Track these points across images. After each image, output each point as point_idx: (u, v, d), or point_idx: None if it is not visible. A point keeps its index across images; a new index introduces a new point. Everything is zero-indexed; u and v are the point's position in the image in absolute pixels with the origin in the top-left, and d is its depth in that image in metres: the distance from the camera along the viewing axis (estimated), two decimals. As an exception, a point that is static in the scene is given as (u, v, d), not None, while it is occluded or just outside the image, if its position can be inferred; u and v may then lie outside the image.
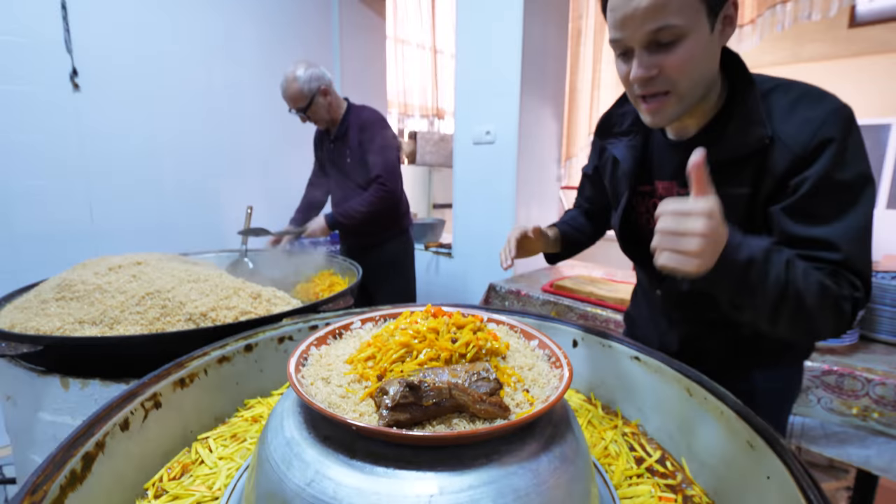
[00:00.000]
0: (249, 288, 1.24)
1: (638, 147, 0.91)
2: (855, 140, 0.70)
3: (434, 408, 0.53)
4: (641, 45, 0.71)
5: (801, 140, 0.70)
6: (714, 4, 0.69)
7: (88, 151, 2.26)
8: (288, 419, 0.58)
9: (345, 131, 2.12)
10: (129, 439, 0.66)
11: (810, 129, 0.70)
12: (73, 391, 0.95)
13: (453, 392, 0.53)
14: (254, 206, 2.11)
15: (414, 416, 0.52)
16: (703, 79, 0.75)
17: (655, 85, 0.73)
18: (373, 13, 3.40)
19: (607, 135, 0.96)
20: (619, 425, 0.86)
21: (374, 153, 2.05)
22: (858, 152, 0.70)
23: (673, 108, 0.75)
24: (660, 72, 0.72)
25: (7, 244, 2.08)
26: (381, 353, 0.62)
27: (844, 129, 0.69)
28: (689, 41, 0.69)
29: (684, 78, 0.72)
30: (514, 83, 2.21)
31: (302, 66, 2.00)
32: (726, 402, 0.70)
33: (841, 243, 0.69)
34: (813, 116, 0.71)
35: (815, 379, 1.34)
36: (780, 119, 0.73)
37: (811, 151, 0.70)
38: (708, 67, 0.74)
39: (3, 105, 2.01)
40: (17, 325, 1.05)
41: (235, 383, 0.90)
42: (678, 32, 0.68)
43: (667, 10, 0.67)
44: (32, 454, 0.99)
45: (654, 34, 0.69)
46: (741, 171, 0.76)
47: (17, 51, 2.02)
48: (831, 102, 0.72)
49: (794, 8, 2.03)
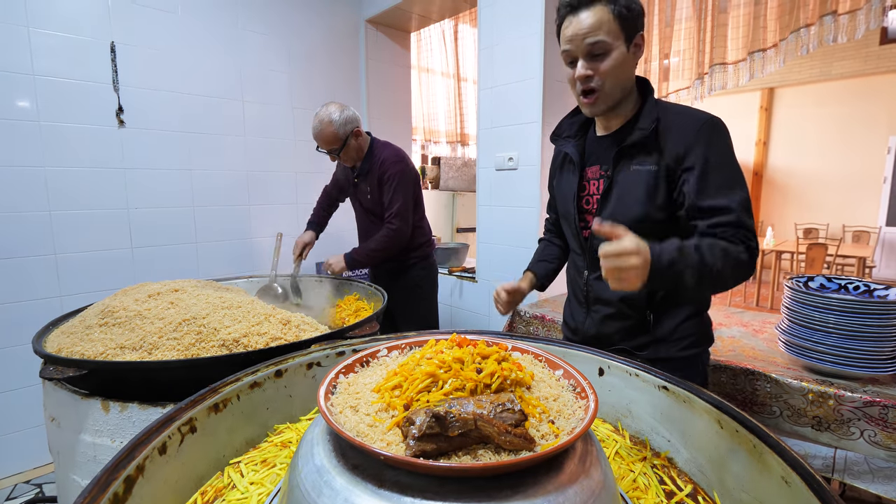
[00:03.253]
0: (279, 314, 1.28)
1: (580, 142, 1.26)
2: (725, 136, 1.06)
3: (459, 439, 0.53)
4: (583, 55, 1.06)
5: (690, 128, 1.05)
6: (630, 33, 1.05)
7: (130, 183, 2.38)
8: (318, 446, 0.60)
9: (368, 169, 2.18)
10: (167, 463, 0.69)
11: (695, 122, 1.05)
12: (113, 414, 0.99)
13: (478, 423, 0.53)
14: (283, 234, 2.18)
15: (440, 446, 0.53)
16: (621, 83, 1.09)
17: (590, 83, 1.07)
18: (398, 46, 3.52)
19: (560, 138, 1.31)
20: (648, 457, 0.84)
21: (388, 195, 2.13)
22: (729, 142, 1.06)
23: (602, 102, 1.10)
24: (594, 73, 1.06)
25: (53, 270, 2.20)
26: (407, 383, 0.63)
27: (715, 126, 1.05)
28: (613, 54, 1.05)
29: (609, 79, 1.07)
30: (536, 110, 2.24)
31: (336, 108, 2.04)
32: (758, 434, 0.69)
33: (733, 206, 1.00)
34: (698, 116, 1.06)
35: (857, 410, 1.28)
36: (675, 115, 1.08)
37: (695, 136, 1.03)
38: (625, 76, 1.09)
39: (54, 141, 2.16)
40: (63, 350, 1.11)
41: (266, 408, 0.93)
42: (606, 47, 1.04)
43: (599, 31, 1.03)
44: (73, 474, 1.03)
45: (591, 47, 1.04)
46: (648, 153, 1.09)
47: (69, 91, 2.18)
48: (704, 114, 1.07)
49: (819, 31, 2.01)
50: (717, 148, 1.03)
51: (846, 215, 6.98)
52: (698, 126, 1.04)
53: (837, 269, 5.76)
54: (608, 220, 1.11)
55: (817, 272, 5.13)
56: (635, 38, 1.07)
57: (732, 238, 0.99)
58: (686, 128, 1.05)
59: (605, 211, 1.15)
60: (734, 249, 0.96)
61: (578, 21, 1.04)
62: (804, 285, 1.49)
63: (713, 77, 2.37)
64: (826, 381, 1.32)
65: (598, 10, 1.03)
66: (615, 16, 1.03)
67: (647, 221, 1.10)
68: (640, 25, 1.08)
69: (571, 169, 1.26)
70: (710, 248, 0.94)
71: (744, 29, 2.27)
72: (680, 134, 1.05)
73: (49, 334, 1.26)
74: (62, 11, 2.13)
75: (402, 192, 2.13)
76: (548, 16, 2.16)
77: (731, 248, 0.96)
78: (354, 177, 2.24)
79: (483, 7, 2.46)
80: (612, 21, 1.03)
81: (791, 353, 1.43)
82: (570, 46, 1.06)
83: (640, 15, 1.07)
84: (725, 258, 0.95)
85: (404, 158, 2.19)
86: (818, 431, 1.32)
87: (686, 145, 1.04)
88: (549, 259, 1.50)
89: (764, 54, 2.20)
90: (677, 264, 0.90)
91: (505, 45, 2.35)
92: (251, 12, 2.74)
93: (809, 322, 1.38)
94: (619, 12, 1.03)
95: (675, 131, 1.06)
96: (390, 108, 3.51)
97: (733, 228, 0.99)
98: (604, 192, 1.16)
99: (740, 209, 1.00)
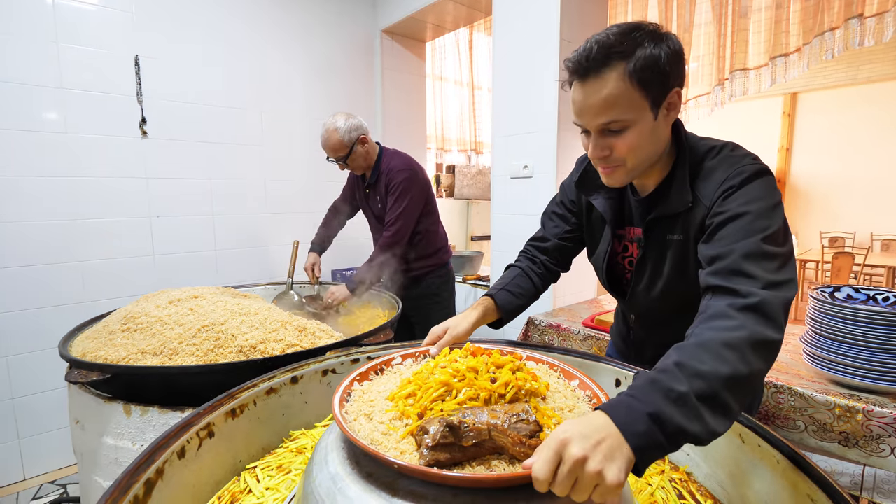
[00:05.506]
0: (296, 321, 1.29)
1: (615, 199, 1.05)
2: (755, 185, 0.80)
3: (473, 449, 0.53)
4: (596, 131, 0.85)
5: (710, 196, 0.85)
6: (657, 97, 0.81)
7: (152, 191, 2.45)
8: (332, 454, 0.60)
9: (377, 178, 2.20)
10: (185, 467, 0.70)
11: (716, 186, 0.84)
12: (134, 417, 1.01)
13: (493, 433, 0.53)
14: (299, 241, 2.21)
15: (454, 456, 0.52)
16: (649, 155, 0.88)
17: (609, 161, 0.88)
18: (413, 55, 3.56)
19: (587, 189, 1.09)
20: (667, 471, 0.82)
21: (391, 202, 2.13)
22: (758, 191, 0.80)
23: (622, 176, 0.90)
24: (611, 152, 0.86)
25: (79, 277, 2.26)
26: (421, 392, 0.63)
27: (743, 180, 0.81)
28: (634, 130, 0.83)
29: (631, 157, 0.86)
30: (551, 118, 2.24)
31: (341, 117, 2.08)
32: (782, 450, 0.67)
33: (733, 251, 0.74)
34: (720, 177, 0.84)
35: (887, 427, 1.23)
36: (702, 181, 0.88)
37: (715, 200, 0.83)
38: (653, 147, 0.88)
39: (80, 151, 2.23)
40: (87, 354, 1.14)
41: (282, 414, 0.94)
42: (624, 125, 0.82)
43: (614, 109, 0.80)
44: (96, 476, 1.06)
45: (605, 125, 0.83)
46: (676, 223, 0.93)
47: (95, 103, 2.25)
48: (740, 165, 0.84)
49: (845, 34, 1.96)
50: (738, 202, 0.79)
51: (874, 223, 6.77)
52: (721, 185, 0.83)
53: (865, 279, 5.59)
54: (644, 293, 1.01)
55: (844, 282, 4.98)
56: (668, 96, 0.83)
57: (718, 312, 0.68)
58: (709, 191, 0.86)
59: (640, 283, 1.03)
60: (727, 328, 0.64)
61: (588, 94, 0.81)
62: (830, 296, 1.45)
63: (734, 83, 2.33)
64: (854, 396, 1.28)
65: (611, 78, 0.78)
66: (636, 82, 0.78)
67: (684, 295, 0.96)
68: (673, 81, 0.82)
69: (602, 225, 1.09)
70: (698, 348, 0.62)
71: (766, 33, 2.22)
72: (702, 200, 0.87)
73: (74, 339, 1.29)
74: (89, 26, 2.21)
75: (405, 200, 2.13)
76: (563, 22, 2.16)
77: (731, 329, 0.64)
78: (365, 187, 2.27)
79: (498, 14, 2.47)
80: (631, 89, 0.79)
81: (816, 365, 1.39)
82: (581, 121, 0.86)
83: (673, 66, 0.81)
84: (733, 347, 0.62)
85: (412, 166, 2.19)
86: (845, 447, 1.28)
87: (707, 210, 0.85)
88: (516, 293, 1.14)
89: (787, 59, 2.15)
90: (662, 415, 0.55)
91: (520, 52, 2.35)
92: (270, 24, 2.80)
93: (836, 334, 1.34)
94: (640, 76, 0.78)
95: (699, 198, 0.88)
96: (405, 117, 3.54)
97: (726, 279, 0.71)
98: (638, 262, 1.01)
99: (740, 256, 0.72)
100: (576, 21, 2.21)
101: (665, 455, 0.57)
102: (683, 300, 0.96)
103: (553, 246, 1.21)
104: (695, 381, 0.58)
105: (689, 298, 0.94)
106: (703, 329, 0.66)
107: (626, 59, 0.78)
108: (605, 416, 0.54)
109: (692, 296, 0.90)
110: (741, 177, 0.81)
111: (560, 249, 1.21)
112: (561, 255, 1.22)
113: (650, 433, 0.54)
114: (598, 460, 0.50)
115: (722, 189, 0.83)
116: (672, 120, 0.88)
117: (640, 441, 0.53)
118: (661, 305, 1.02)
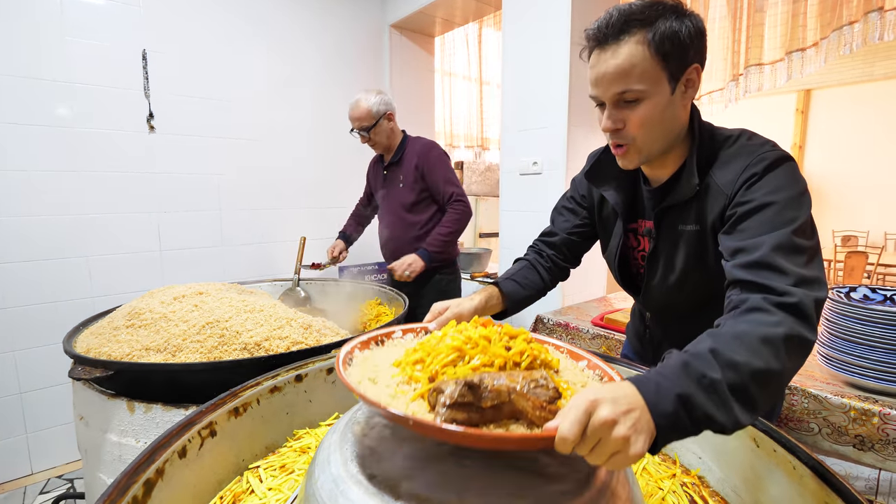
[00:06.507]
0: (301, 318, 1.28)
1: (628, 191, 1.02)
2: (778, 172, 0.77)
3: (492, 412, 0.50)
4: (611, 102, 0.83)
5: (730, 184, 0.81)
6: (675, 71, 0.80)
7: (159, 186, 2.45)
8: (334, 454, 0.59)
9: (400, 157, 2.23)
10: (186, 466, 0.69)
11: (737, 174, 0.81)
12: (138, 414, 1.01)
13: (512, 396, 0.50)
14: (306, 237, 2.20)
15: (471, 417, 0.50)
16: (663, 134, 0.85)
17: (620, 137, 0.86)
18: (422, 50, 3.53)
19: (599, 181, 1.05)
20: (678, 474, 0.80)
21: (441, 175, 2.16)
22: (782, 179, 0.77)
23: (634, 157, 0.88)
24: (624, 125, 0.84)
25: (86, 272, 2.27)
26: (430, 358, 0.59)
27: (766, 168, 0.78)
28: (650, 102, 0.81)
29: (642, 133, 0.84)
30: (561, 114, 2.21)
31: (373, 91, 2.15)
32: (798, 455, 0.65)
33: (762, 244, 0.71)
34: (741, 164, 0.81)
35: (904, 430, 1.20)
36: (719, 168, 0.85)
37: (737, 189, 0.80)
38: (666, 126, 0.85)
39: (86, 146, 2.23)
40: (91, 351, 1.14)
41: (286, 413, 0.92)
42: (639, 95, 0.80)
43: (630, 77, 0.79)
44: (100, 473, 1.05)
45: (620, 95, 0.81)
46: (689, 213, 0.89)
47: (101, 97, 2.25)
48: (760, 151, 0.81)
49: (864, 29, 1.91)
50: (762, 191, 0.77)
51: (888, 222, 6.65)
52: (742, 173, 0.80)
53: (878, 278, 5.49)
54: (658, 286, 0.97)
55: (857, 281, 4.90)
56: (687, 72, 0.81)
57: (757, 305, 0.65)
58: (729, 179, 0.82)
59: (654, 277, 1.00)
60: (766, 323, 0.62)
61: (605, 60, 0.80)
62: (846, 296, 1.41)
63: (748, 78, 2.29)
64: (870, 398, 1.25)
65: (631, 46, 0.77)
66: (654, 52, 0.77)
67: (699, 287, 0.93)
68: (693, 56, 0.80)
69: (614, 219, 1.06)
70: (735, 339, 0.60)
71: (782, 28, 2.18)
72: (722, 187, 0.83)
73: (79, 335, 1.29)
74: (97, 21, 2.20)
75: (452, 172, 2.20)
76: (574, 17, 2.13)
77: (770, 325, 0.62)
78: (384, 167, 2.28)
79: (508, 8, 2.44)
80: (650, 59, 0.77)
81: (831, 367, 1.36)
82: (596, 91, 0.84)
83: (694, 41, 0.79)
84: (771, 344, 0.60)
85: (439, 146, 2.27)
86: (861, 451, 1.25)
87: (728, 199, 0.82)
88: (523, 284, 1.11)
89: (803, 54, 2.10)
90: (692, 398, 0.55)
91: (530, 47, 2.32)
92: (278, 18, 2.78)
93: (851, 335, 1.30)
94: (659, 46, 0.77)
95: (718, 185, 0.84)
96: (414, 112, 3.51)
97: (757, 273, 0.69)
98: (649, 256, 0.99)
99: (770, 249, 0.70)
100: (588, 15, 2.18)
101: (684, 438, 0.56)
102: (700, 294, 0.94)
103: (561, 240, 1.18)
104: (728, 370, 0.57)
105: (706, 292, 0.92)
106: (740, 321, 0.64)
107: (646, 28, 0.77)
108: (634, 389, 0.54)
109: (710, 289, 0.90)
110: (763, 164, 0.78)
111: (568, 244, 1.18)
112: (569, 250, 1.19)
113: (677, 415, 0.54)
114: (628, 426, 0.49)
115: (744, 177, 0.79)
116: (689, 99, 0.85)
117: (665, 421, 0.53)
118: (677, 300, 0.99)
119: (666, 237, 0.94)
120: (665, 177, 0.94)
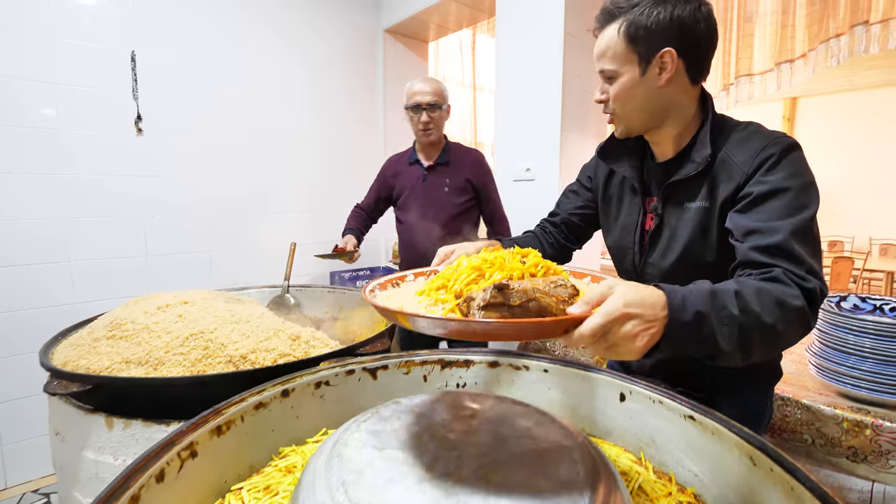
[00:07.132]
0: (289, 329, 1.25)
1: (638, 167, 1.09)
2: (793, 158, 0.85)
3: (520, 310, 0.55)
4: (601, 78, 0.99)
5: (747, 162, 0.87)
6: (644, 54, 0.91)
7: (147, 190, 2.40)
8: (320, 481, 0.56)
9: (447, 160, 2.17)
10: (164, 490, 0.66)
11: (754, 153, 0.87)
12: (117, 431, 0.97)
13: (537, 294, 0.56)
14: (297, 243, 2.16)
15: (503, 316, 0.54)
16: (639, 108, 0.96)
17: (606, 107, 1.00)
18: (416, 56, 3.52)
19: (610, 157, 1.13)
20: (674, 492, 0.78)
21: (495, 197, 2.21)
22: (797, 166, 0.84)
23: (619, 126, 1.01)
24: (606, 98, 0.98)
25: (68, 277, 2.22)
26: (452, 281, 0.64)
27: (783, 151, 0.85)
28: (622, 80, 0.94)
29: (618, 105, 0.97)
30: (554, 120, 2.20)
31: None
32: (796, 476, 0.63)
33: (780, 228, 0.79)
34: (758, 145, 0.88)
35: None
36: (734, 147, 0.91)
37: (755, 168, 0.86)
38: (643, 101, 0.95)
39: (73, 148, 2.18)
40: (69, 363, 1.10)
41: (271, 430, 0.89)
42: (612, 73, 0.95)
43: (605, 57, 0.95)
44: (75, 492, 1.01)
45: (601, 72, 0.97)
46: (699, 189, 0.94)
47: (88, 99, 2.21)
48: (775, 135, 0.89)
49: (850, 41, 1.93)
50: (780, 175, 0.83)
51: (873, 228, 6.77)
52: (760, 153, 0.86)
53: (864, 283, 5.57)
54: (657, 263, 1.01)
55: (843, 287, 4.96)
56: (658, 55, 0.91)
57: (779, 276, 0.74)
58: (746, 158, 0.88)
59: (653, 253, 1.03)
60: (790, 294, 0.71)
61: (596, 43, 0.96)
62: (836, 305, 1.42)
63: (739, 88, 2.31)
64: (862, 409, 1.25)
65: (610, 31, 0.93)
66: (623, 36, 0.91)
67: (699, 266, 0.96)
68: (662, 41, 0.90)
69: (630, 197, 1.11)
70: (758, 293, 0.69)
71: (771, 38, 2.20)
72: (738, 165, 0.89)
73: (57, 345, 1.25)
74: (84, 21, 2.16)
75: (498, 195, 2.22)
76: (567, 24, 2.13)
77: (785, 291, 0.71)
78: (425, 168, 2.19)
79: (501, 15, 2.43)
80: (620, 43, 0.91)
81: (823, 377, 1.36)
82: (595, 66, 1.00)
83: (667, 28, 0.89)
84: (782, 307, 0.69)
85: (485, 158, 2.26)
86: (854, 463, 1.24)
87: (745, 177, 0.87)
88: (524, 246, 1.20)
89: (792, 65, 2.13)
90: (707, 318, 0.64)
91: (523, 53, 2.32)
92: (269, 22, 2.76)
93: (843, 345, 1.30)
94: (626, 31, 0.90)
95: (734, 162, 0.89)
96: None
97: (774, 257, 0.76)
98: (653, 232, 1.03)
99: (789, 234, 0.77)
100: (580, 23, 2.18)
101: (682, 351, 0.65)
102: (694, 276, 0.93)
103: (562, 220, 1.27)
104: (744, 313, 0.66)
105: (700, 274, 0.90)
106: (763, 282, 0.73)
107: (622, 16, 0.91)
108: (664, 298, 0.63)
109: (705, 270, 0.91)
110: (780, 146, 0.85)
111: (568, 224, 1.27)
112: (569, 230, 1.27)
113: (691, 327, 0.63)
114: (644, 341, 0.59)
115: (762, 156, 0.85)
116: (666, 80, 0.93)
117: (679, 326, 0.62)
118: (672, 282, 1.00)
119: (672, 213, 0.99)
120: (671, 153, 1.02)
